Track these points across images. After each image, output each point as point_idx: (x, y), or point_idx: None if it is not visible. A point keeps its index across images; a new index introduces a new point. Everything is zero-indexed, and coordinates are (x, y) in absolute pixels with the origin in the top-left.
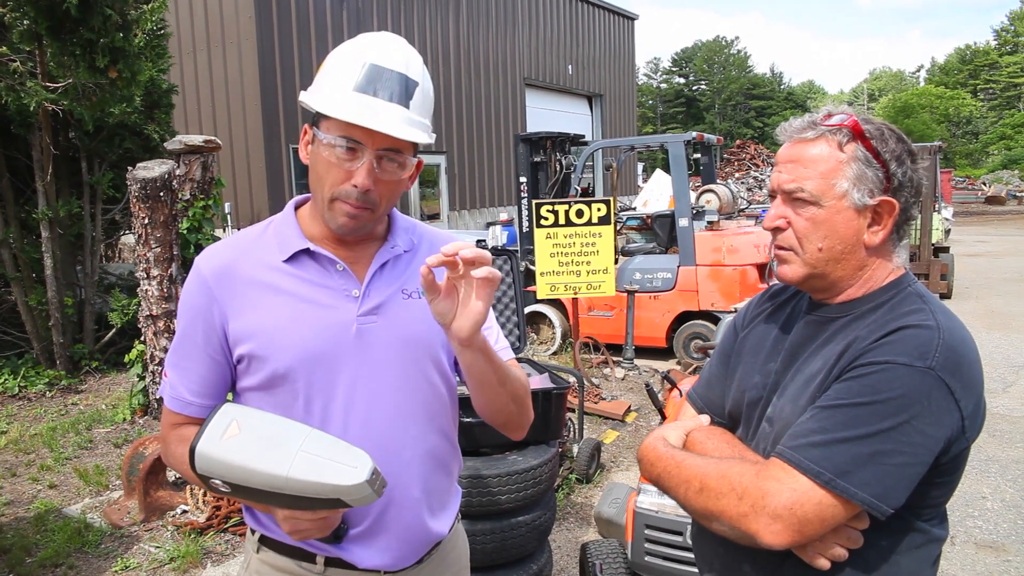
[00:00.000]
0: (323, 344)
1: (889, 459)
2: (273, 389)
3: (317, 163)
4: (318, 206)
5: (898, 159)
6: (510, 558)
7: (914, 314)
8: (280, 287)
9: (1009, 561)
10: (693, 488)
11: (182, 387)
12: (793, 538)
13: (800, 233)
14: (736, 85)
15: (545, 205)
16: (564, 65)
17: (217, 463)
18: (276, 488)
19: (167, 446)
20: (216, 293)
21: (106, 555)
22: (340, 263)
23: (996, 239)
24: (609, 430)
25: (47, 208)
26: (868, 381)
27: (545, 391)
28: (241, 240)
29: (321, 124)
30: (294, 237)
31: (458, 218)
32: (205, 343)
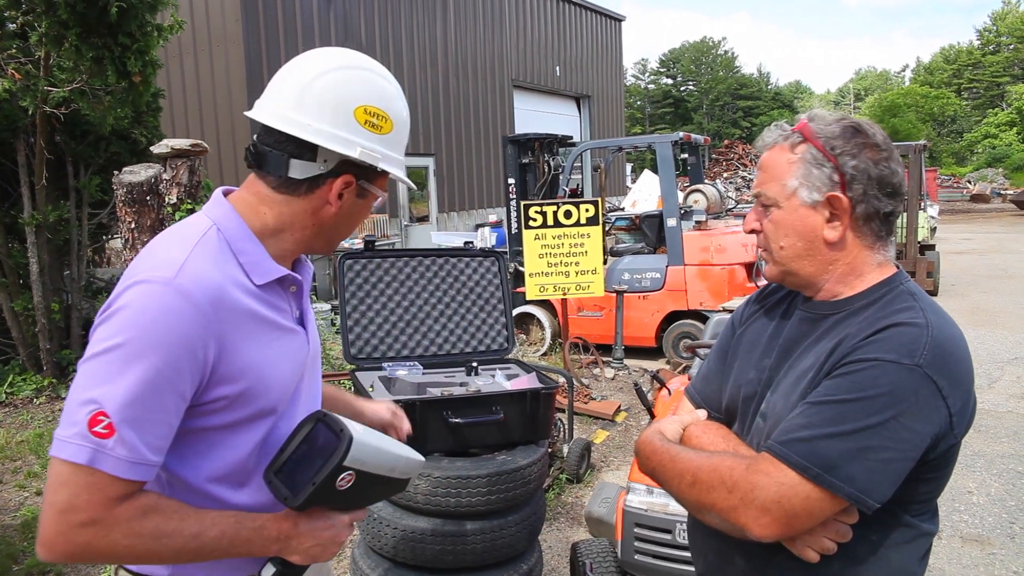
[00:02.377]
0: (295, 371)
1: (875, 454)
2: (253, 421)
3: (362, 213)
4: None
5: (852, 154)
6: (500, 558)
7: (904, 312)
8: (259, 314)
9: (994, 554)
10: (686, 481)
11: (144, 447)
12: (781, 531)
13: (767, 234)
14: (724, 86)
15: (534, 206)
16: (552, 66)
17: (367, 448)
18: (392, 471)
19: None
20: (213, 323)
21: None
22: (296, 285)
23: (981, 237)
24: (599, 430)
25: (35, 213)
26: (856, 378)
27: (533, 391)
28: (208, 254)
29: (378, 182)
30: (266, 259)
31: (447, 220)
32: (188, 386)
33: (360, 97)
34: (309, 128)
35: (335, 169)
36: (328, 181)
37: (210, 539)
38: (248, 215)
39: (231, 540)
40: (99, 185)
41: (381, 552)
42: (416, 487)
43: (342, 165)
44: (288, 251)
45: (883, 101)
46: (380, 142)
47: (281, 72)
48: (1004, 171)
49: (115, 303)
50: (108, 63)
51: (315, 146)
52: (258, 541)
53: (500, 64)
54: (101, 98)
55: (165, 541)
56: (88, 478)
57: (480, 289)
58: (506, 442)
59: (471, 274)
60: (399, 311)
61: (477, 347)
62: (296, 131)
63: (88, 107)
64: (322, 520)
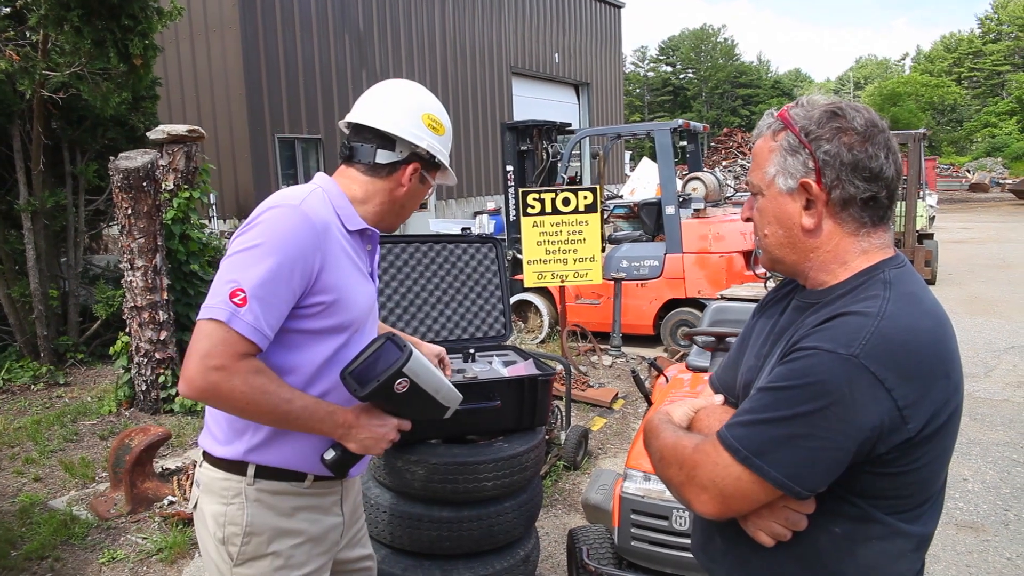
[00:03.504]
0: (368, 305)
1: (804, 442)
2: (335, 333)
3: (420, 195)
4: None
5: (826, 139)
6: (497, 544)
7: (863, 301)
8: (348, 251)
9: (988, 541)
10: (656, 457)
11: (264, 320)
12: (719, 509)
13: (755, 222)
14: (723, 73)
15: (532, 193)
16: (551, 53)
17: (422, 366)
18: (439, 392)
19: (234, 375)
20: (322, 243)
21: (93, 547)
22: (372, 244)
23: (979, 226)
24: (596, 417)
25: (31, 199)
26: (795, 366)
27: (530, 378)
28: (323, 202)
29: (433, 173)
30: (356, 215)
31: (445, 207)
32: (298, 284)
33: (425, 106)
34: (392, 124)
35: (408, 158)
36: (403, 167)
37: (298, 407)
38: (343, 186)
39: (311, 413)
40: (96, 171)
41: (379, 538)
42: (414, 473)
43: (412, 156)
44: (368, 218)
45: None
46: (438, 140)
47: (364, 94)
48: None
49: (254, 220)
50: (110, 45)
51: (395, 139)
52: (329, 422)
53: (498, 51)
54: (99, 82)
55: (268, 397)
56: (224, 333)
57: (478, 276)
58: (503, 429)
59: (469, 260)
60: (396, 297)
61: (475, 333)
62: (382, 126)
63: (88, 91)
64: (378, 418)
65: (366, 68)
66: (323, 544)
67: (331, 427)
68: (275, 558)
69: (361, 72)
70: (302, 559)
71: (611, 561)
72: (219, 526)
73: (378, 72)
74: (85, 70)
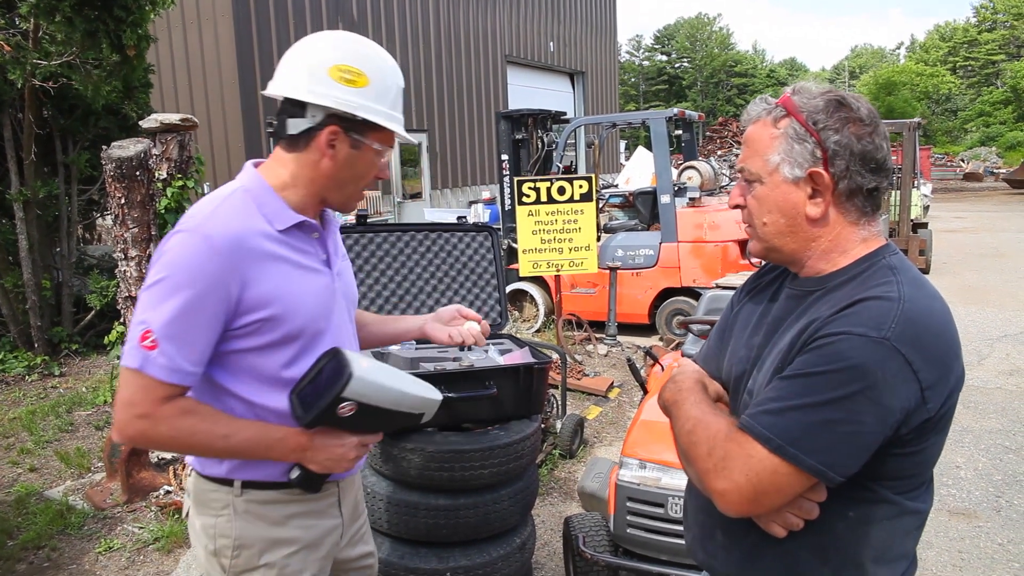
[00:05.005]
0: (320, 305)
1: (839, 427)
2: (282, 346)
3: (360, 164)
4: (341, 194)
5: (835, 129)
6: (493, 531)
7: (879, 286)
8: (281, 255)
9: (980, 527)
10: (686, 427)
11: (181, 358)
12: (748, 506)
13: (751, 210)
14: (718, 63)
15: (527, 182)
16: (546, 42)
17: (368, 385)
18: (397, 405)
19: (160, 422)
20: (233, 262)
21: (89, 537)
22: (318, 231)
23: (973, 215)
24: (592, 406)
25: (23, 188)
26: (824, 352)
27: (526, 365)
28: (233, 210)
29: (370, 135)
30: (285, 209)
31: (440, 197)
32: (216, 312)
33: (332, 58)
34: (292, 88)
35: (322, 122)
36: (317, 133)
37: (238, 442)
38: (269, 175)
39: (256, 444)
40: (88, 161)
41: (375, 526)
42: (410, 461)
43: (328, 118)
44: (305, 202)
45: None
46: (357, 94)
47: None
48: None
49: (160, 249)
50: (102, 36)
51: (304, 104)
52: (280, 448)
53: (493, 40)
54: (91, 72)
55: (201, 437)
56: (140, 380)
57: (473, 264)
58: (499, 417)
59: (464, 249)
60: (392, 286)
61: None
62: (282, 92)
63: (80, 80)
64: (334, 438)
65: None
66: (320, 549)
67: (284, 453)
68: (268, 569)
69: None
70: (297, 567)
71: (607, 548)
72: (210, 538)
73: None
74: (77, 59)
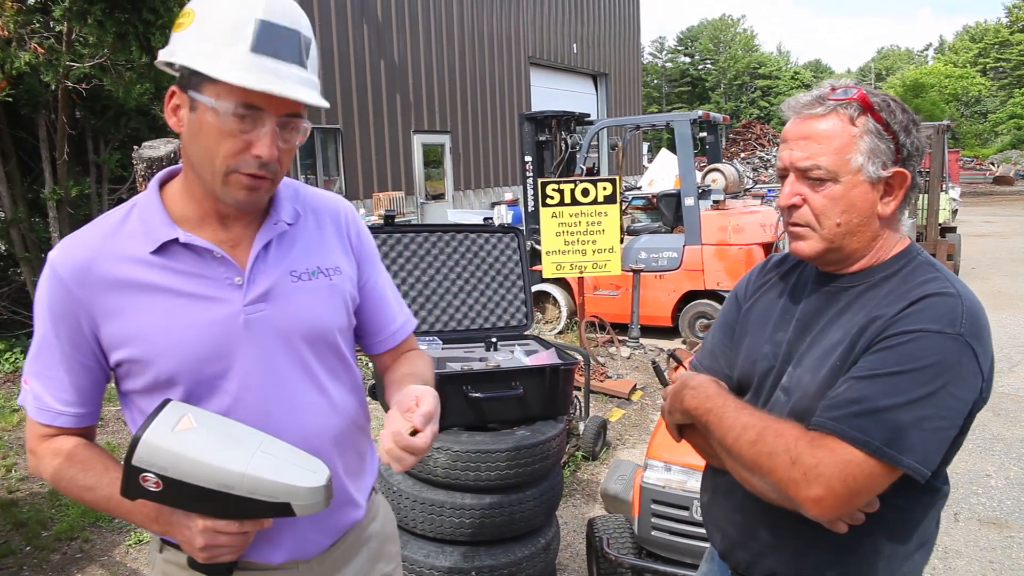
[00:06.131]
0: (208, 342)
1: (929, 424)
2: (157, 393)
3: (204, 133)
4: (205, 181)
5: (906, 129)
6: (519, 531)
7: (932, 282)
8: (150, 283)
9: (1012, 537)
10: (748, 437)
11: (48, 397)
12: (841, 510)
13: (818, 210)
14: (742, 64)
15: (551, 184)
16: (569, 44)
17: (165, 454)
18: (226, 486)
19: (39, 460)
20: (78, 295)
21: (119, 529)
22: (216, 250)
23: (1004, 220)
24: (615, 408)
25: (56, 187)
26: (904, 350)
27: (552, 367)
28: (99, 231)
29: (205, 88)
30: (160, 225)
31: (463, 198)
32: (73, 350)
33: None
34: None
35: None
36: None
37: (100, 496)
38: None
39: (116, 505)
40: (119, 161)
41: (400, 524)
42: (436, 460)
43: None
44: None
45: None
46: (181, 37)
47: None
48: None
49: None
50: (132, 39)
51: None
52: (138, 515)
53: (516, 41)
54: (123, 73)
55: (67, 484)
56: (27, 415)
57: (499, 265)
58: (525, 417)
59: (490, 250)
60: (419, 286)
61: (496, 323)
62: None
63: (111, 82)
64: (184, 517)
65: (384, 58)
66: None
67: (143, 520)
68: None
69: (379, 62)
70: None
71: (631, 551)
72: None
73: (396, 62)
74: (108, 61)
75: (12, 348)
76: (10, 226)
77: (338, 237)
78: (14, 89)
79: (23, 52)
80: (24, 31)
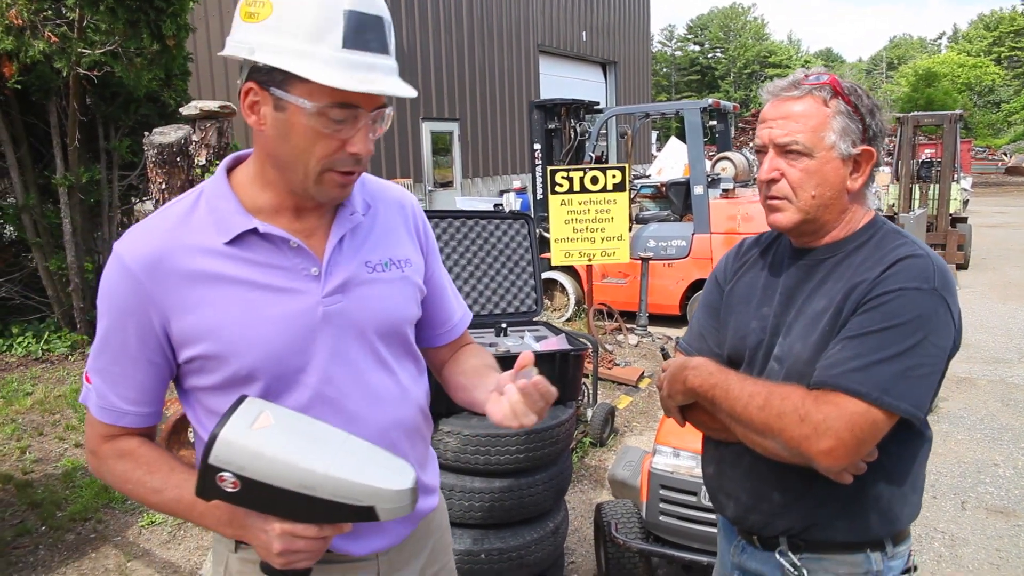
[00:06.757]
0: (289, 335)
1: (917, 371)
2: (233, 388)
3: (295, 134)
4: (294, 180)
5: (871, 112)
6: (528, 515)
7: (903, 247)
8: (227, 275)
9: (1020, 526)
10: (755, 403)
11: (113, 396)
12: (851, 459)
13: (794, 183)
14: (752, 53)
15: (560, 172)
16: (578, 32)
17: (244, 452)
18: (307, 488)
19: (102, 462)
20: (149, 289)
21: (132, 511)
22: (294, 240)
23: (1015, 210)
24: (622, 395)
25: (67, 174)
26: (887, 308)
27: (562, 352)
28: (168, 221)
29: (294, 88)
30: (234, 214)
31: (471, 186)
32: (140, 346)
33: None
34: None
35: (246, 78)
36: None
37: (169, 499)
38: (242, 168)
39: (187, 507)
40: (129, 147)
41: None
42: (446, 444)
43: (250, 73)
44: (273, 198)
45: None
46: (257, 31)
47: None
48: None
49: None
50: (143, 26)
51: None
52: (211, 518)
53: (526, 29)
54: (133, 60)
55: (133, 487)
56: (88, 415)
57: (510, 252)
58: None
59: (501, 236)
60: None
61: (506, 309)
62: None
63: (122, 69)
64: (260, 520)
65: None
66: None
67: (216, 524)
68: None
69: None
70: None
71: (639, 535)
72: None
73: (405, 49)
74: (120, 49)
75: (24, 332)
76: (22, 212)
77: (406, 229)
78: (25, 76)
79: (37, 40)
80: (37, 19)
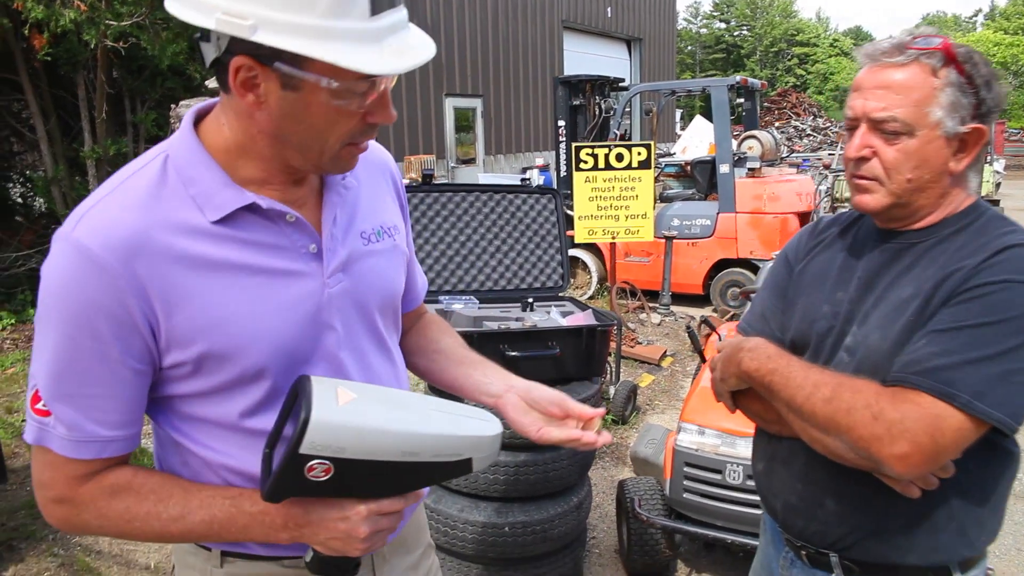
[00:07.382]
0: (297, 325)
1: (1017, 377)
2: (231, 393)
3: (313, 114)
4: (306, 160)
5: (987, 84)
6: (552, 489)
7: (1011, 234)
8: (220, 259)
9: None
10: (822, 394)
11: (92, 424)
12: (926, 467)
13: (889, 164)
14: (779, 31)
15: (585, 148)
16: (603, 8)
17: (341, 432)
18: (411, 454)
19: (83, 508)
20: (128, 283)
21: None
22: (291, 213)
23: None
24: (645, 374)
25: (96, 146)
26: (988, 301)
27: (589, 327)
28: (135, 197)
29: (310, 65)
30: (222, 187)
31: (493, 163)
32: (123, 353)
33: None
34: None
35: (228, 49)
36: (227, 70)
37: (197, 522)
38: (210, 133)
39: (223, 525)
40: (155, 120)
41: None
42: None
43: (234, 44)
44: (261, 169)
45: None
46: (258, 3)
47: None
48: None
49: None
50: None
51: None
52: (259, 528)
53: (550, 4)
54: (159, 32)
55: (139, 524)
56: (44, 456)
57: (536, 226)
58: (561, 377)
59: (528, 211)
60: (456, 246)
61: (532, 284)
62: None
63: (148, 40)
64: (334, 510)
65: (416, 19)
66: None
67: (266, 532)
68: None
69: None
70: None
71: (661, 512)
72: None
73: (429, 25)
74: (147, 20)
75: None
76: (51, 184)
77: (389, 192)
78: (54, 48)
79: (67, 9)
80: None
